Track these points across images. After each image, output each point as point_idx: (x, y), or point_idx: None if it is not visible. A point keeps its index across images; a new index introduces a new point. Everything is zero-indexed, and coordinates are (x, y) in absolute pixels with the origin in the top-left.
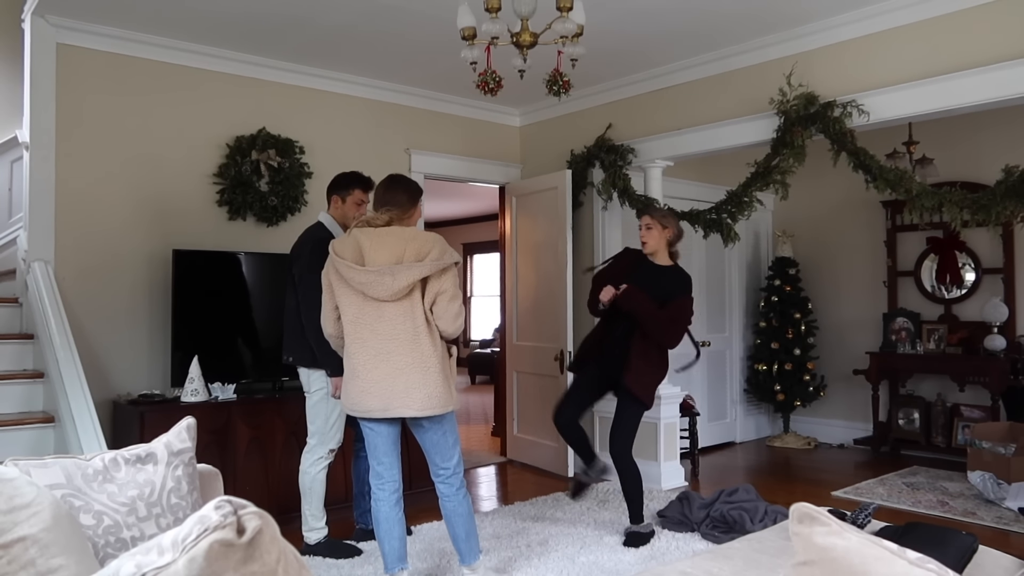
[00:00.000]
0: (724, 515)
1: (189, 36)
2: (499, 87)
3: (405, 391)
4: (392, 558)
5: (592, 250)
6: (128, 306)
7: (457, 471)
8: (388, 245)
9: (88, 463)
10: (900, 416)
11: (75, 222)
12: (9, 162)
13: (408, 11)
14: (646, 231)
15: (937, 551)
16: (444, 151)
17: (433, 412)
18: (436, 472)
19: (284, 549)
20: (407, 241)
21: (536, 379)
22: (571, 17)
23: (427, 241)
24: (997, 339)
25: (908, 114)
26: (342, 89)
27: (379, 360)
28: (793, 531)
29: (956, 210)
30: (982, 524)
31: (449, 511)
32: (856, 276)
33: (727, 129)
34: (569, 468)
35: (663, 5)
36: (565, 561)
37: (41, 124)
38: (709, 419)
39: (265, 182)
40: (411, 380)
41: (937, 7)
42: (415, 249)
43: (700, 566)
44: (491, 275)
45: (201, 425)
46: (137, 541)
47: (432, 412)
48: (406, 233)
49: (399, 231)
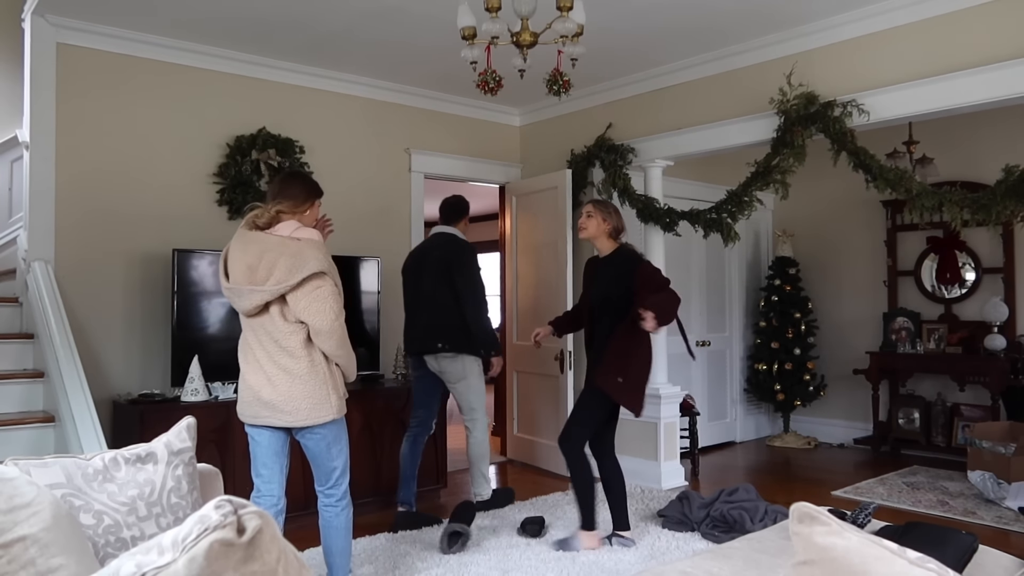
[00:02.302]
0: (724, 515)
1: (189, 36)
2: (499, 87)
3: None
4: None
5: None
6: (128, 306)
7: (339, 484)
8: (249, 254)
9: (88, 463)
10: (900, 416)
11: (75, 222)
12: (9, 162)
13: (408, 11)
14: (585, 218)
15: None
16: (444, 151)
17: (303, 423)
18: (317, 482)
19: (284, 548)
20: (265, 251)
21: (536, 379)
22: (571, 17)
23: (283, 252)
24: (997, 339)
25: (908, 114)
26: (342, 89)
27: (254, 368)
28: (793, 531)
29: (956, 210)
30: (982, 524)
31: (325, 522)
32: (856, 276)
33: (727, 129)
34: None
35: (663, 4)
36: (565, 561)
37: (41, 124)
38: (709, 419)
39: (265, 182)
40: (279, 391)
41: (937, 7)
42: (270, 261)
43: (700, 566)
44: (491, 275)
45: (201, 425)
46: (137, 541)
47: (302, 423)
48: (269, 241)
49: (263, 238)
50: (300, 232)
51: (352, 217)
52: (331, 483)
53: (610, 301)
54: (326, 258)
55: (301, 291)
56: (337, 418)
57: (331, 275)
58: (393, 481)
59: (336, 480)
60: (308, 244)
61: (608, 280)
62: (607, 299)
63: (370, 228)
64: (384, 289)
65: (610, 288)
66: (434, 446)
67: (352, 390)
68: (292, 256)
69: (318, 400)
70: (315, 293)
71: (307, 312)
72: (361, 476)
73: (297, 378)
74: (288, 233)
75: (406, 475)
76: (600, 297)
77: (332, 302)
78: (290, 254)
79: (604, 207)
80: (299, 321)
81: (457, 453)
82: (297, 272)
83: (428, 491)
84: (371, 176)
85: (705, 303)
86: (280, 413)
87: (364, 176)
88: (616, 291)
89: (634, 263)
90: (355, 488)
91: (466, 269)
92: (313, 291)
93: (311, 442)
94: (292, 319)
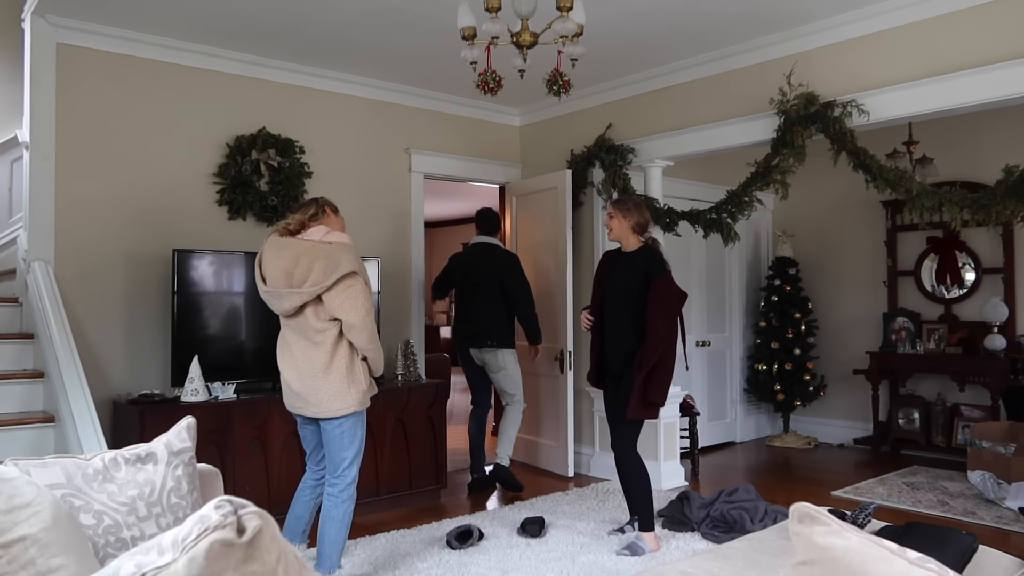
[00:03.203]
0: (724, 515)
1: (189, 36)
2: (499, 87)
3: (304, 392)
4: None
5: (592, 250)
6: (128, 306)
7: (344, 475)
8: (283, 259)
9: (88, 463)
10: (900, 416)
11: (75, 222)
12: (9, 162)
13: (408, 11)
14: (608, 220)
15: (937, 551)
16: (444, 151)
17: (325, 415)
18: (327, 470)
19: (284, 548)
20: (300, 255)
21: (536, 379)
22: (571, 17)
23: (317, 256)
24: (997, 339)
25: (908, 114)
26: (342, 89)
27: (289, 363)
28: (793, 531)
29: (956, 210)
30: (982, 524)
31: (324, 509)
32: (856, 276)
33: (727, 129)
34: (569, 468)
35: (663, 5)
36: (565, 561)
37: (41, 124)
38: (709, 419)
39: (265, 182)
40: (305, 384)
41: (937, 7)
42: (305, 265)
43: (700, 566)
44: None
45: (201, 425)
46: (137, 541)
47: (324, 415)
48: (302, 246)
49: (296, 243)
50: (331, 236)
51: (352, 217)
52: (338, 472)
53: (626, 297)
54: (356, 259)
55: (335, 290)
56: (357, 411)
57: (362, 274)
58: (393, 481)
59: (343, 471)
60: (339, 247)
61: (629, 276)
62: (625, 292)
63: (370, 228)
64: (384, 289)
65: (627, 284)
66: (434, 446)
67: None
68: (326, 258)
69: (338, 393)
70: (348, 292)
71: (341, 309)
72: (361, 476)
73: (321, 372)
74: (319, 237)
75: (475, 448)
76: (617, 289)
77: (363, 299)
78: (324, 256)
79: (622, 204)
80: (331, 319)
81: (457, 453)
82: (332, 273)
83: (428, 491)
84: (371, 176)
85: (705, 303)
86: (308, 404)
87: (364, 176)
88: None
89: (653, 273)
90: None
91: (521, 277)
92: (346, 290)
93: (329, 431)
94: (325, 317)
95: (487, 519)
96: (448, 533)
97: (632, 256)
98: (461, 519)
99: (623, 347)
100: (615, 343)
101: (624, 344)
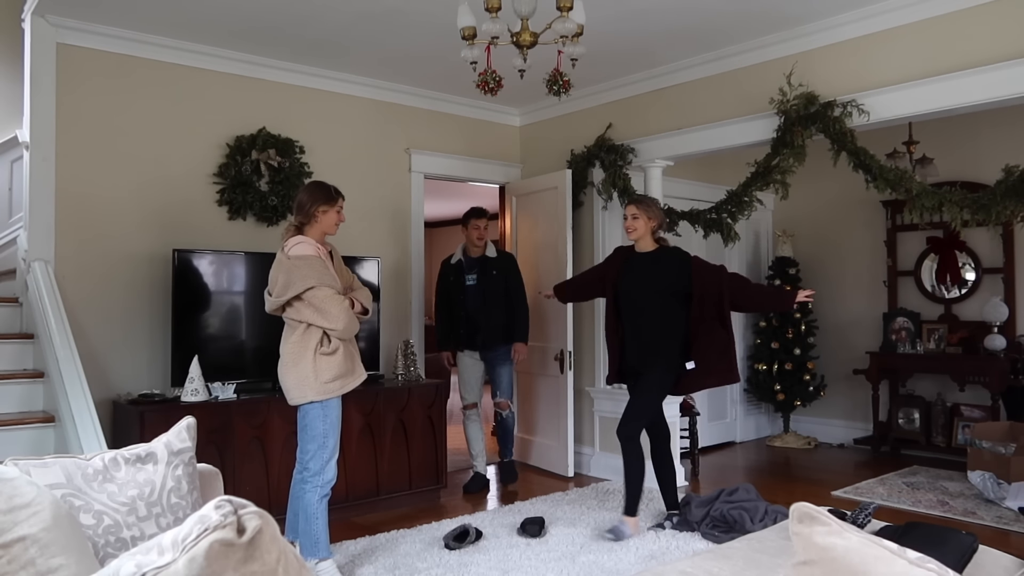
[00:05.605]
0: (724, 515)
1: (189, 36)
2: (499, 87)
3: (280, 381)
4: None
5: (592, 250)
6: (128, 305)
7: (309, 465)
8: (272, 268)
9: (88, 463)
10: (900, 416)
11: (75, 222)
12: (9, 162)
13: (408, 11)
14: (632, 220)
15: (937, 551)
16: (444, 151)
17: (292, 403)
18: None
19: (284, 549)
20: (274, 267)
21: (536, 379)
22: (571, 17)
23: (280, 271)
24: (997, 339)
25: (908, 114)
26: (342, 89)
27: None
28: (793, 531)
29: (956, 210)
30: (982, 524)
31: (293, 497)
32: (856, 276)
33: (727, 129)
34: (569, 468)
35: (663, 5)
36: (565, 561)
37: (41, 124)
38: (709, 419)
39: (265, 182)
40: (279, 373)
41: (937, 7)
42: (272, 277)
43: (700, 566)
44: None
45: (201, 425)
46: (137, 541)
47: (291, 402)
48: (278, 257)
49: (277, 254)
50: (295, 249)
51: (352, 217)
52: (304, 461)
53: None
54: (312, 269)
55: (301, 303)
56: (316, 401)
57: (321, 280)
58: (393, 481)
59: (307, 461)
60: (297, 261)
61: (658, 277)
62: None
63: (370, 228)
64: (384, 289)
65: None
66: (434, 446)
67: (352, 390)
68: (285, 273)
69: (299, 381)
70: (313, 305)
71: (316, 321)
72: (361, 476)
73: (290, 362)
74: (288, 249)
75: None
76: (652, 291)
77: (330, 306)
78: (284, 271)
79: (647, 205)
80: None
81: (457, 453)
82: (289, 289)
83: (428, 491)
84: (371, 176)
85: None
86: (284, 392)
87: (364, 176)
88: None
89: (686, 260)
90: (355, 488)
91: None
92: (311, 303)
93: (297, 419)
94: (292, 315)
95: (487, 519)
96: (445, 535)
97: (654, 256)
98: (461, 519)
99: (650, 343)
100: (641, 340)
101: (653, 340)
